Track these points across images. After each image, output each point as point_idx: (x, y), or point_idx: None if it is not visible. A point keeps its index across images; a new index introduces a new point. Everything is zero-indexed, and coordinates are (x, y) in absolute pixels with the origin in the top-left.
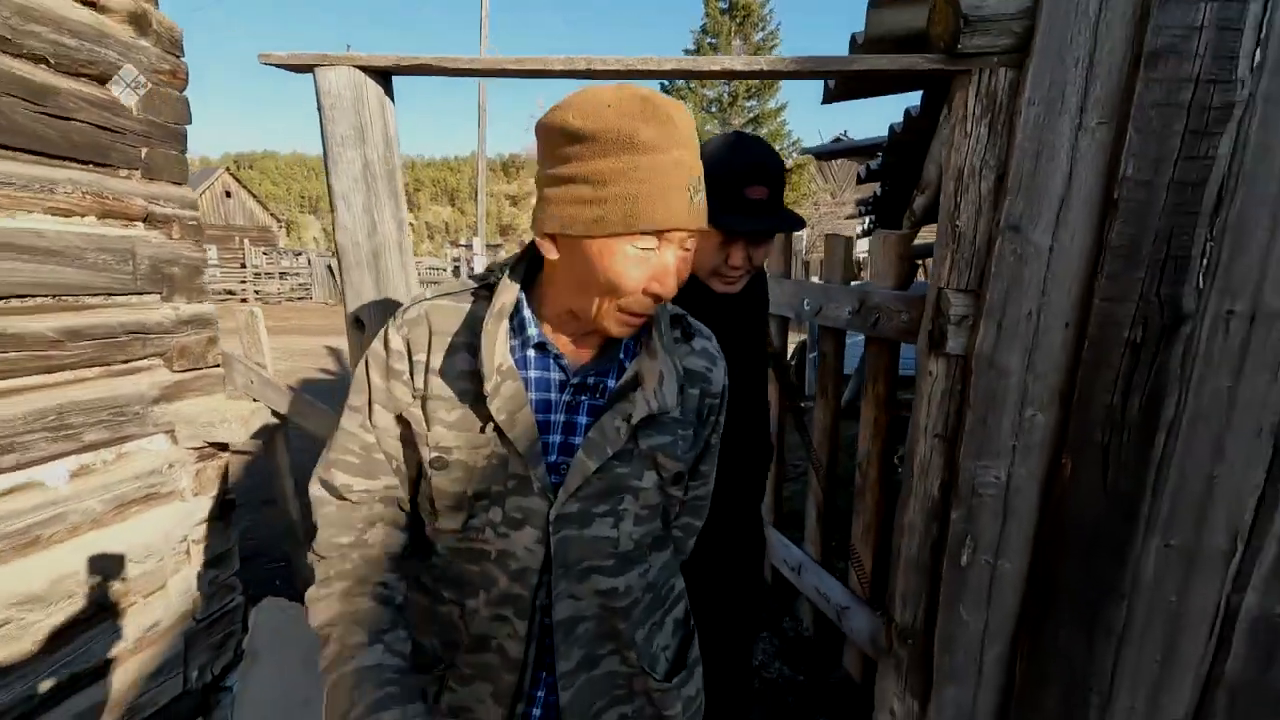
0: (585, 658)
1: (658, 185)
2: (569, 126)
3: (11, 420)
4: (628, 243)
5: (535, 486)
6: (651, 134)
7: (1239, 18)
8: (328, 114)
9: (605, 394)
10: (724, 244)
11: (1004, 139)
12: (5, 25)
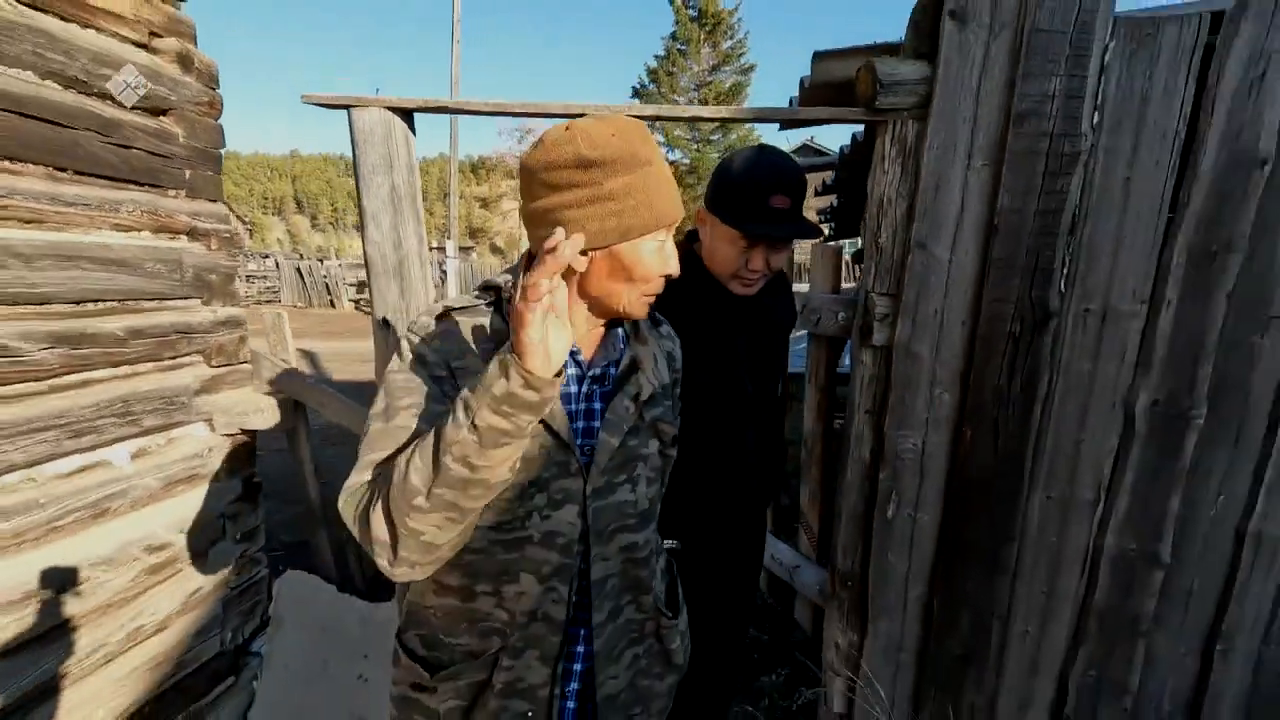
0: (612, 609)
1: (661, 189)
2: (584, 156)
3: (89, 407)
4: (649, 239)
5: (572, 468)
6: (647, 151)
7: (1080, 89)
8: (361, 146)
9: (609, 381)
10: (747, 249)
11: (912, 175)
12: (83, 70)
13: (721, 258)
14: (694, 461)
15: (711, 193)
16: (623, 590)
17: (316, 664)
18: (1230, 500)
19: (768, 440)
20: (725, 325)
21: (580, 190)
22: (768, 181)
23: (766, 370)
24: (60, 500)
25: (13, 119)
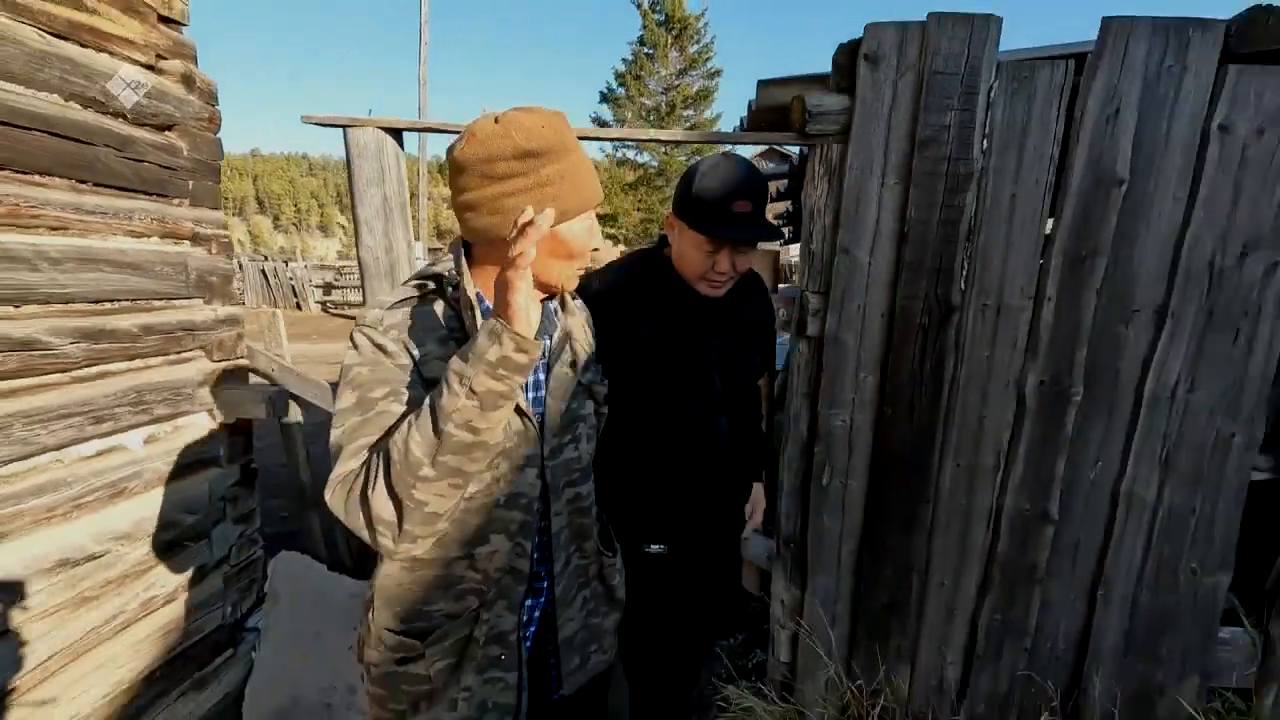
0: (566, 557)
1: (586, 174)
2: (522, 148)
3: (107, 396)
4: (582, 219)
5: (531, 434)
6: (571, 139)
7: (972, 120)
8: (356, 161)
9: (546, 352)
10: (711, 252)
11: (837, 190)
12: (101, 91)
13: (689, 261)
14: (669, 458)
15: (678, 199)
16: (571, 539)
17: (310, 636)
18: (1106, 465)
19: (744, 433)
20: (694, 326)
21: (520, 179)
22: (730, 188)
23: (738, 368)
24: (84, 480)
25: (45, 138)
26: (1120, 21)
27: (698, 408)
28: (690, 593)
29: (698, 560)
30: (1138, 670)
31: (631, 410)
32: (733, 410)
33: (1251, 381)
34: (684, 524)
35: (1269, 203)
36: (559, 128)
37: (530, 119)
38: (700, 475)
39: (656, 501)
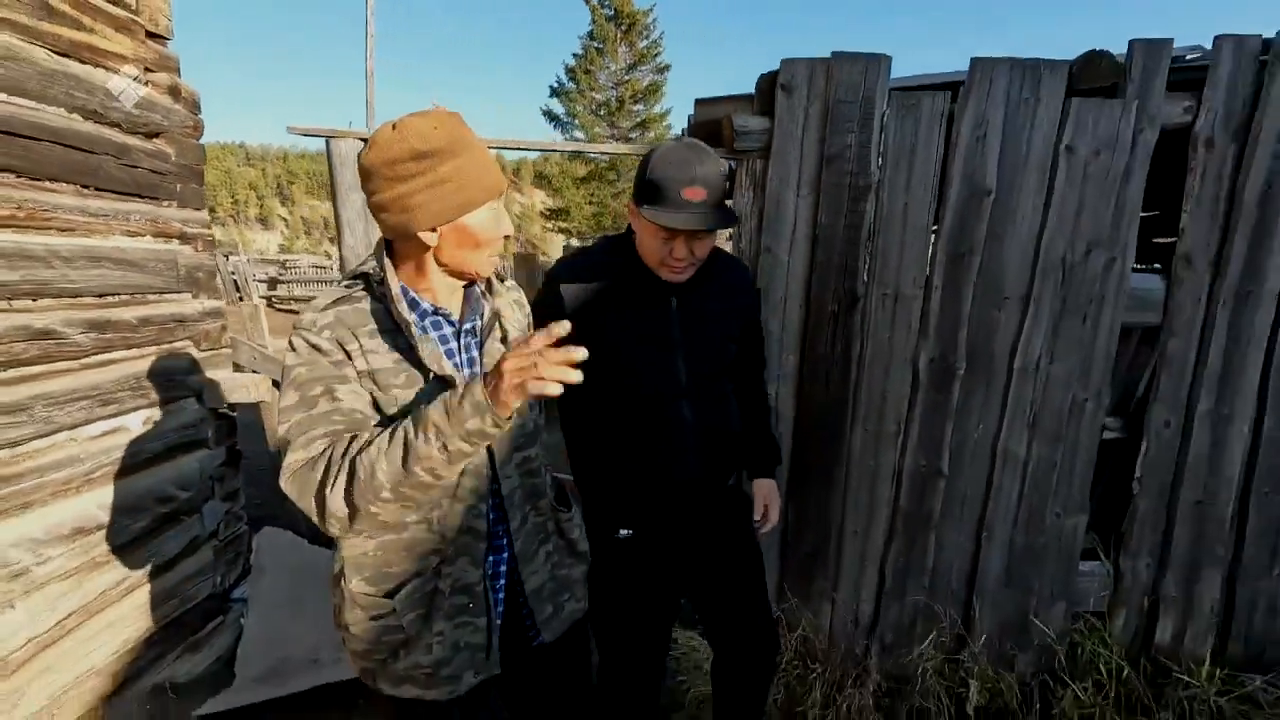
0: (522, 516)
1: (485, 166)
2: (417, 150)
3: (112, 382)
4: (484, 209)
5: None
6: (467, 135)
7: (869, 141)
8: (338, 168)
9: (478, 331)
10: (667, 239)
11: (760, 199)
12: (100, 104)
13: (647, 248)
14: (631, 446)
15: (635, 185)
16: (524, 499)
17: (294, 603)
18: (986, 428)
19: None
20: (659, 312)
21: (419, 179)
22: (682, 174)
23: (708, 355)
24: (94, 457)
25: (55, 148)
26: (985, 61)
27: (659, 396)
28: (658, 575)
29: (664, 545)
30: (1015, 599)
31: (597, 397)
32: (705, 398)
33: (1098, 357)
34: (648, 511)
35: (1106, 210)
36: (452, 128)
37: (423, 122)
38: (661, 464)
39: (621, 488)
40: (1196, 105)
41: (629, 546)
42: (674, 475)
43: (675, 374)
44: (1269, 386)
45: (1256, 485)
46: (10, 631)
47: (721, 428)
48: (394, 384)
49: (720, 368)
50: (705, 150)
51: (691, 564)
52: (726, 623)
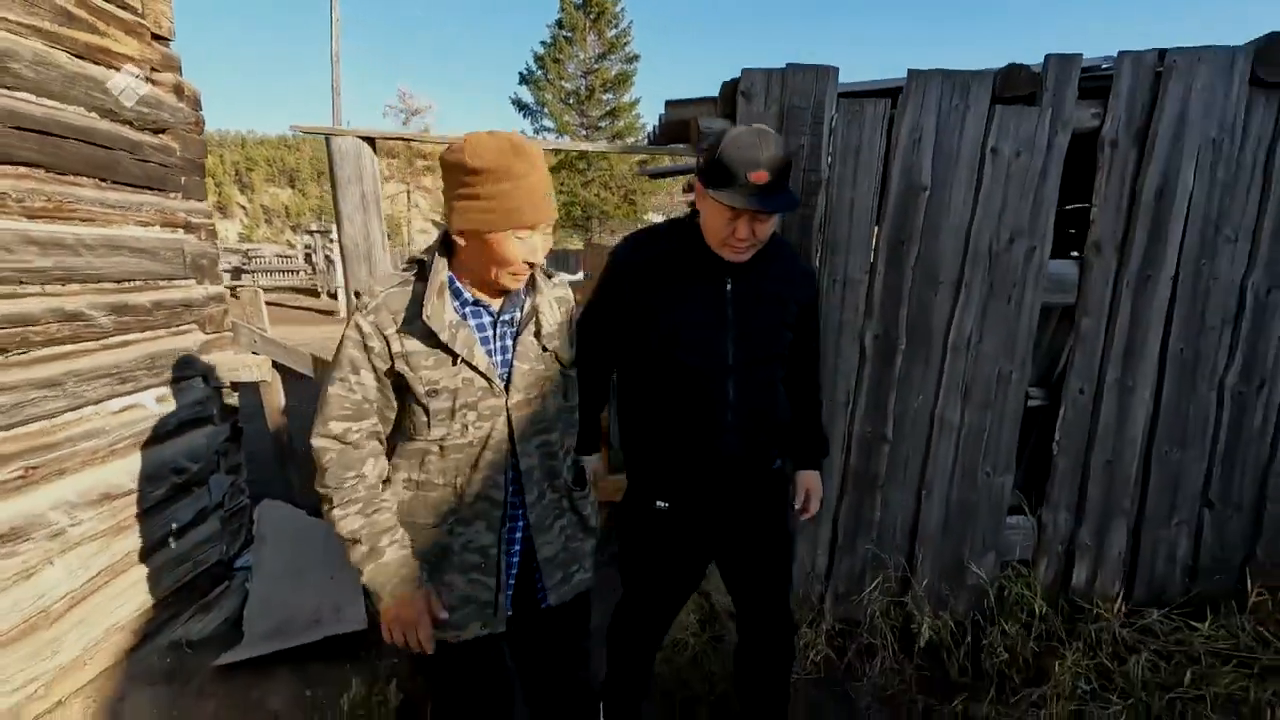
0: (539, 492)
1: (526, 198)
2: (467, 164)
3: (130, 361)
4: (511, 234)
5: (496, 390)
6: (520, 166)
7: (819, 142)
8: (338, 164)
9: (515, 323)
10: (731, 219)
11: None
12: (115, 103)
13: (711, 227)
14: (673, 421)
15: (701, 166)
16: (542, 477)
17: (295, 570)
18: (925, 397)
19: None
20: (714, 291)
21: (465, 189)
22: (748, 157)
23: (760, 338)
24: (116, 430)
25: (78, 145)
26: (920, 73)
27: (706, 373)
28: (688, 548)
29: (699, 520)
30: (951, 549)
31: (647, 367)
32: (751, 380)
33: (1021, 333)
34: (686, 485)
35: (1025, 205)
36: (507, 155)
37: (488, 141)
38: (700, 440)
39: (662, 461)
40: (1103, 112)
41: (664, 518)
42: (713, 452)
43: (723, 353)
44: (1167, 359)
45: (1157, 446)
46: (51, 585)
47: (765, 411)
48: (424, 365)
49: (770, 353)
50: (772, 135)
51: (724, 540)
52: (751, 604)
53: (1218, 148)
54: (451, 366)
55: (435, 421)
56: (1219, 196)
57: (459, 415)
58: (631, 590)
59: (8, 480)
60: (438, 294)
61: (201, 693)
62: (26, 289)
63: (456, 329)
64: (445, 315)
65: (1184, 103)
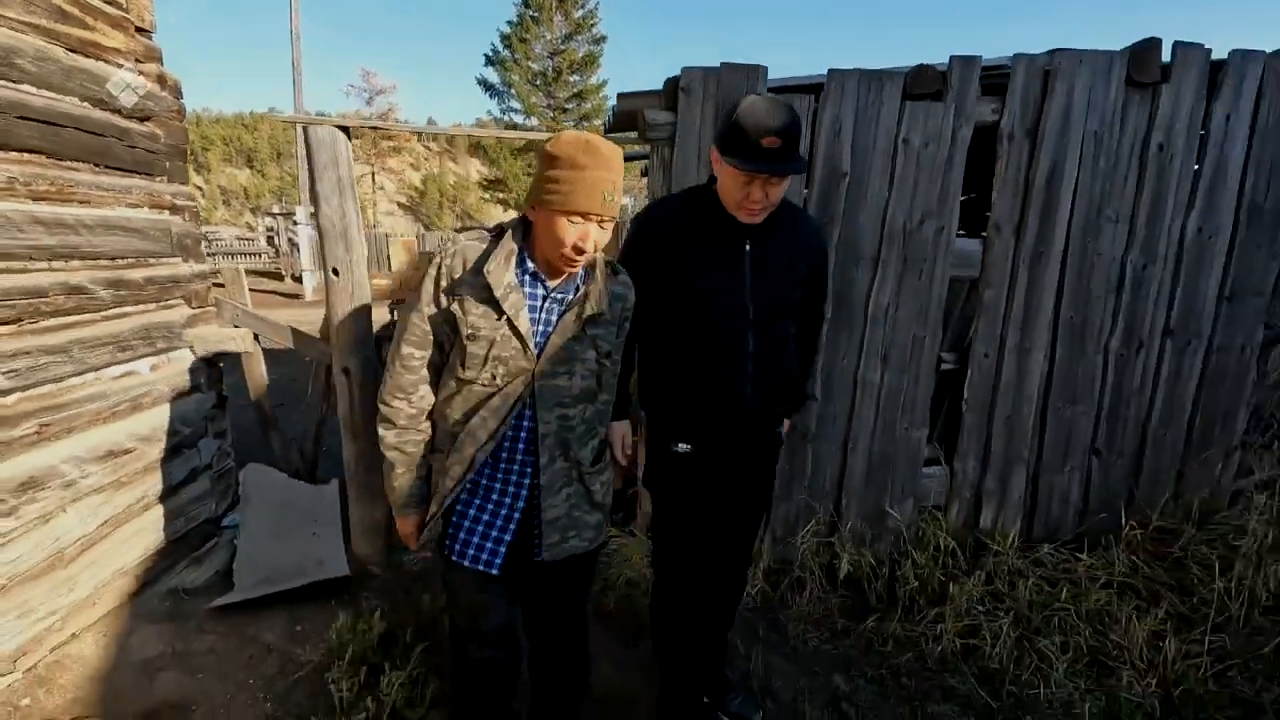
0: (550, 456)
1: (585, 188)
2: (549, 151)
3: (127, 331)
4: (565, 218)
5: (527, 354)
6: (587, 160)
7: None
8: (315, 151)
9: (565, 303)
10: (745, 183)
11: (669, 178)
12: (106, 93)
13: (726, 191)
14: (697, 369)
15: (718, 133)
16: (555, 445)
17: (279, 527)
18: (849, 361)
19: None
20: (733, 251)
21: (546, 171)
22: (761, 124)
23: (775, 294)
24: (116, 394)
25: (76, 133)
26: (839, 72)
27: (726, 326)
28: (707, 486)
29: (716, 461)
30: (874, 496)
31: (671, 323)
32: (767, 334)
33: (933, 303)
34: (707, 429)
35: (934, 190)
36: (581, 148)
37: (569, 136)
38: (722, 387)
39: (684, 406)
40: (1001, 107)
41: (685, 460)
42: (735, 399)
43: (744, 309)
44: (1059, 325)
45: (1051, 402)
46: (65, 530)
47: (780, 363)
48: (474, 311)
49: (783, 309)
50: (783, 105)
51: (727, 483)
52: (720, 552)
53: (1099, 140)
54: (496, 320)
55: (470, 363)
56: (1101, 183)
57: (490, 364)
58: (668, 532)
59: (26, 435)
60: (504, 258)
61: (201, 629)
62: (35, 264)
63: (510, 291)
64: (505, 277)
65: (1069, 100)
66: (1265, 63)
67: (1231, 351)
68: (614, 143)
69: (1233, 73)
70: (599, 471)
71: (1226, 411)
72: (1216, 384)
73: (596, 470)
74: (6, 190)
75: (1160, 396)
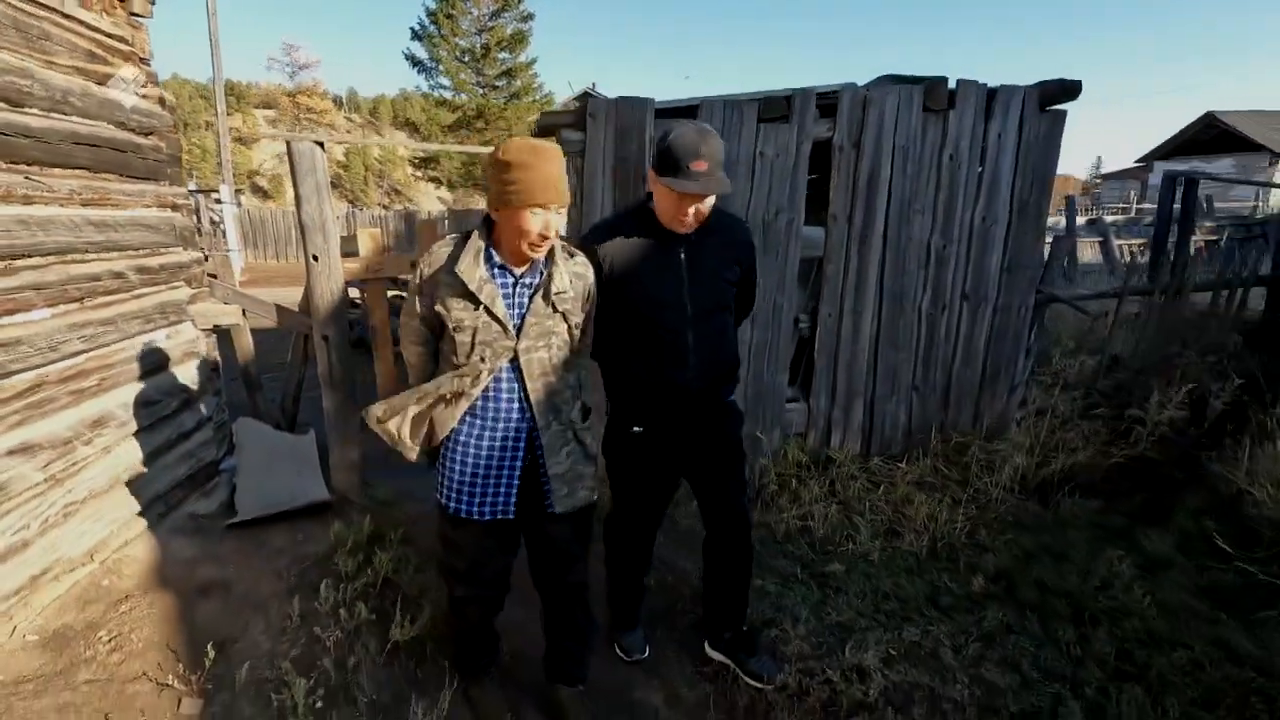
0: (546, 421)
1: (540, 183)
2: (500, 159)
3: (149, 307)
4: (527, 211)
5: (508, 334)
6: (535, 160)
7: (643, 148)
8: (298, 160)
9: (534, 286)
10: (677, 200)
11: (581, 183)
12: (126, 116)
13: (662, 208)
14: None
15: (654, 157)
16: (548, 409)
17: (268, 468)
18: None
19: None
20: (671, 258)
21: (497, 177)
22: (689, 150)
23: (710, 294)
24: (145, 357)
25: (109, 151)
26: (708, 100)
27: (668, 323)
28: (660, 461)
29: (667, 440)
30: (750, 425)
31: (624, 323)
32: (705, 327)
33: (789, 277)
34: (656, 413)
35: (785, 190)
36: (528, 152)
37: (515, 143)
38: (668, 375)
39: (637, 394)
40: (834, 126)
41: (640, 440)
42: (678, 386)
43: (683, 306)
44: (884, 292)
45: (880, 350)
46: (120, 461)
47: (718, 351)
48: (455, 307)
49: (717, 304)
50: (710, 132)
51: (690, 458)
52: (712, 508)
53: (906, 152)
54: (475, 311)
55: (460, 351)
56: (909, 184)
57: (478, 349)
58: (619, 501)
59: (92, 386)
60: (473, 256)
61: (222, 540)
62: (90, 256)
63: (483, 283)
64: (476, 272)
65: (881, 121)
66: (1025, 92)
67: (1012, 310)
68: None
69: (1001, 100)
70: (589, 428)
71: (1010, 356)
72: (1001, 335)
73: (587, 426)
74: (69, 200)
75: (960, 345)
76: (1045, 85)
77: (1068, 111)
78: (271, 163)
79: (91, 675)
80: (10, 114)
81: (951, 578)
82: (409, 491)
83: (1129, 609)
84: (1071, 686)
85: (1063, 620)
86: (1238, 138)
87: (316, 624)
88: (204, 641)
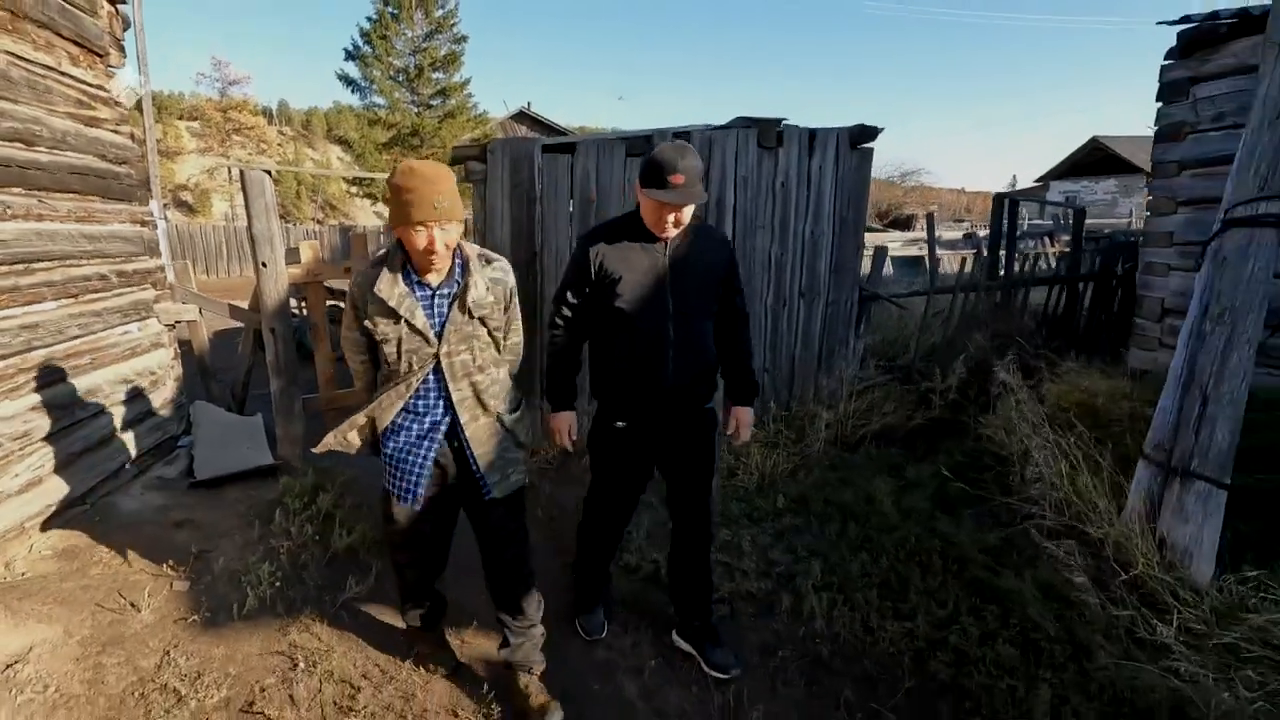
0: (471, 415)
1: (417, 203)
2: (391, 183)
3: (128, 303)
4: (410, 229)
5: (430, 342)
6: (413, 182)
7: (533, 176)
8: (250, 185)
9: (451, 296)
10: (659, 209)
11: (483, 205)
12: (109, 150)
13: (646, 214)
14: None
15: (640, 171)
16: (474, 405)
17: (222, 442)
18: None
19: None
20: (654, 261)
21: (392, 198)
22: (669, 165)
23: (691, 295)
24: (124, 344)
25: (95, 179)
26: (584, 140)
27: (651, 320)
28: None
29: (647, 435)
30: None
31: (611, 319)
32: (685, 328)
33: None
34: (638, 407)
35: None
36: (406, 176)
37: (399, 168)
38: (647, 373)
39: (621, 389)
40: None
41: (622, 434)
42: (658, 381)
43: (664, 305)
44: None
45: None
46: (106, 424)
47: (698, 350)
48: (381, 323)
49: (698, 304)
50: (688, 150)
51: (666, 453)
52: (680, 503)
53: (747, 181)
54: (397, 325)
55: (389, 358)
56: (751, 206)
57: (404, 357)
58: (597, 487)
59: (86, 364)
60: (391, 276)
61: (186, 494)
62: (82, 262)
63: (403, 298)
64: (395, 289)
65: (724, 157)
66: (838, 134)
67: (840, 304)
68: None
69: (820, 140)
70: (520, 419)
71: (841, 340)
72: (833, 325)
73: (517, 417)
74: (67, 217)
75: (799, 334)
76: (853, 129)
77: (873, 149)
78: (199, 178)
79: (100, 572)
80: (27, 152)
81: (766, 501)
82: (346, 461)
83: (881, 512)
84: (823, 558)
85: (834, 522)
86: (1120, 160)
87: (272, 539)
88: (185, 550)
